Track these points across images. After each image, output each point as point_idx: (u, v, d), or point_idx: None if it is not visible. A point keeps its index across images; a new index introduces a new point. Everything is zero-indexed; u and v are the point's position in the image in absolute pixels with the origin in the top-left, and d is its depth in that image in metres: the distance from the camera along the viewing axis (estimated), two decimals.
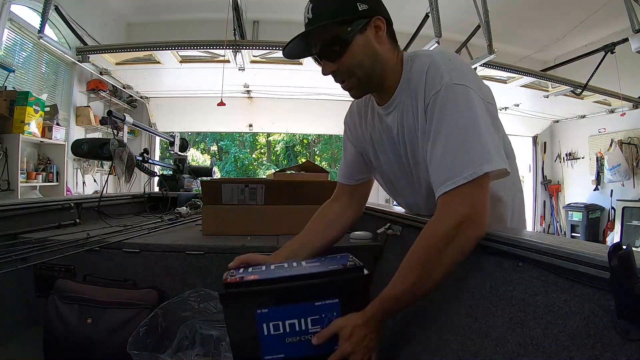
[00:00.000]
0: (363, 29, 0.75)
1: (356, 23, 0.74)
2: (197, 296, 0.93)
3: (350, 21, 0.74)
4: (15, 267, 0.91)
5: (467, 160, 0.64)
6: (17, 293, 1.06)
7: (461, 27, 3.51)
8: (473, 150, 0.65)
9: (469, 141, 0.66)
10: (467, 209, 0.63)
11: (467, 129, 0.66)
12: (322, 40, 0.75)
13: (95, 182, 4.37)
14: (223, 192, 1.26)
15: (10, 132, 3.03)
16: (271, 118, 4.88)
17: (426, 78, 0.73)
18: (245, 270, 0.73)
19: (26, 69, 3.46)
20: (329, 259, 0.74)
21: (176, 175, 2.40)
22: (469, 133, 0.66)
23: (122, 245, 1.06)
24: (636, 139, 4.38)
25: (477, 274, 0.66)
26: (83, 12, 3.67)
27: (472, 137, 0.66)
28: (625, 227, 4.32)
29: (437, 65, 0.72)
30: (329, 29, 0.74)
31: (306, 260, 0.77)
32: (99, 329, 0.92)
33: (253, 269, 0.74)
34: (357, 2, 0.74)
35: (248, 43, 3.12)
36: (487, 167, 0.63)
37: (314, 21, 0.74)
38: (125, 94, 4.46)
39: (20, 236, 1.11)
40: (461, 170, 0.64)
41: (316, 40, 0.76)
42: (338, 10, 0.74)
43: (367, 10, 0.74)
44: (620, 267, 0.39)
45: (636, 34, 2.77)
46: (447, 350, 0.64)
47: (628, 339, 0.39)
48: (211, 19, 3.98)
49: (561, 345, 0.45)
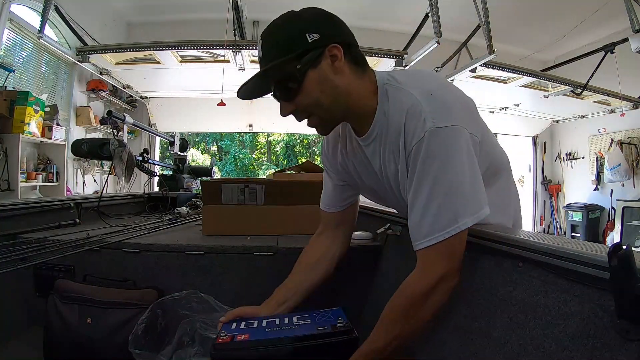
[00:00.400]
0: (316, 63, 0.67)
1: (307, 58, 0.67)
2: (195, 297, 0.93)
3: (300, 56, 0.67)
4: (15, 267, 0.91)
5: (450, 217, 0.62)
6: (17, 293, 1.06)
7: (461, 27, 3.51)
8: (456, 204, 0.62)
9: (453, 195, 0.63)
10: (446, 263, 0.62)
11: (451, 184, 0.63)
12: (274, 80, 0.70)
13: (95, 182, 4.37)
14: (223, 192, 1.26)
15: (10, 132, 3.04)
16: (271, 118, 4.87)
17: (406, 122, 0.66)
18: (238, 326, 0.74)
19: (26, 69, 3.46)
20: (321, 314, 0.76)
21: (176, 175, 2.40)
22: (453, 187, 0.63)
23: (122, 245, 1.06)
24: (636, 138, 4.38)
25: (477, 274, 0.66)
26: (83, 12, 3.67)
27: (457, 191, 0.63)
28: (625, 227, 4.32)
29: (419, 108, 0.65)
30: (279, 68, 0.67)
31: (297, 314, 0.78)
32: (99, 329, 0.92)
33: (245, 323, 0.75)
34: (306, 33, 0.67)
35: (248, 43, 3.11)
36: (469, 221, 0.62)
37: (264, 60, 0.69)
38: (125, 94, 4.45)
39: (20, 236, 1.11)
40: (443, 226, 0.62)
41: (270, 80, 0.71)
42: (286, 46, 0.67)
43: (318, 40, 0.67)
44: (620, 267, 0.39)
45: (636, 34, 2.77)
46: (447, 350, 0.64)
47: (628, 339, 0.39)
48: (211, 19, 3.98)
49: (561, 346, 0.45)
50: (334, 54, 0.68)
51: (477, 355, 0.57)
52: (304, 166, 1.54)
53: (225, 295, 1.03)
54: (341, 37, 0.70)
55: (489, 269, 0.64)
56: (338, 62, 0.69)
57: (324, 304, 1.04)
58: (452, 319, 0.67)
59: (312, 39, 0.67)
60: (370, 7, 4.53)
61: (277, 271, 1.04)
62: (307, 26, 0.68)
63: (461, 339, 0.62)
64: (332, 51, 0.68)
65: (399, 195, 0.76)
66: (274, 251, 1.04)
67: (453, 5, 3.00)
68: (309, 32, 0.67)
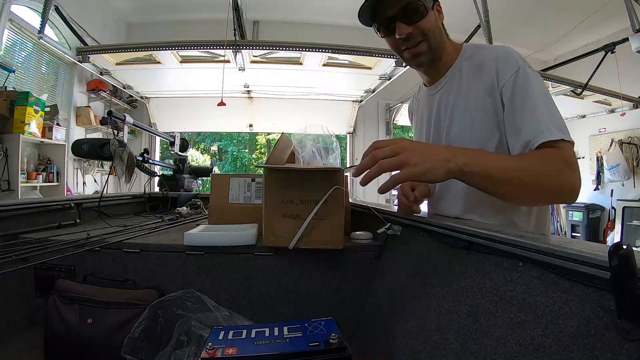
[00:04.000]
0: (433, 6, 0.83)
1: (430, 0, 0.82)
2: (191, 296, 0.93)
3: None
4: (15, 267, 0.91)
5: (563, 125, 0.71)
6: (17, 293, 1.06)
7: (461, 27, 3.51)
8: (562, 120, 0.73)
9: (556, 111, 0.74)
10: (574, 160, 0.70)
11: (552, 102, 0.75)
12: (404, 2, 0.79)
13: (95, 182, 4.37)
14: (231, 189, 1.27)
15: (10, 132, 3.04)
16: (271, 118, 4.88)
17: (499, 63, 0.80)
18: (226, 336, 0.71)
19: (26, 69, 3.46)
20: (313, 325, 0.73)
21: (176, 176, 2.40)
22: (554, 105, 0.74)
23: (122, 245, 1.06)
24: (636, 138, 4.38)
25: (477, 274, 0.66)
26: (83, 12, 3.68)
27: (556, 109, 0.74)
28: (626, 227, 4.32)
29: (510, 52, 0.81)
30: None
31: (288, 323, 0.75)
32: (99, 329, 0.92)
33: (234, 333, 0.72)
34: None
35: (248, 43, 3.12)
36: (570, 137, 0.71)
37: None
38: (126, 94, 4.46)
39: (20, 236, 1.11)
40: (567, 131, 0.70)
41: (396, 2, 0.79)
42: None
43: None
44: (621, 267, 0.39)
45: (636, 34, 2.76)
46: (447, 350, 0.64)
47: (628, 339, 0.39)
48: (211, 19, 3.98)
49: (561, 345, 0.45)
50: (440, 10, 0.86)
51: (477, 355, 0.57)
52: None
53: (226, 295, 1.03)
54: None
55: (489, 268, 0.64)
56: (442, 16, 0.87)
57: (323, 304, 1.04)
58: (452, 319, 0.67)
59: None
60: None
61: (278, 271, 1.04)
62: None
63: (461, 339, 0.62)
64: (439, 7, 0.86)
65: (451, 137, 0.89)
66: (274, 251, 1.04)
67: (453, 5, 3.00)
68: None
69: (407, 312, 0.79)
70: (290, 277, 1.05)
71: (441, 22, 0.87)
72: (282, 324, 0.75)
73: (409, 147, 0.58)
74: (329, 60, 3.40)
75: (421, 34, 0.82)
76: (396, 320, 0.82)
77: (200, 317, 0.88)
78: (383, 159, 0.57)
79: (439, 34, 0.85)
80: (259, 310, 1.02)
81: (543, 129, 0.70)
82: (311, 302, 1.04)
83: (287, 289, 1.04)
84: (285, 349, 0.66)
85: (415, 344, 0.72)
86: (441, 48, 0.87)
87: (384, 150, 0.57)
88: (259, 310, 1.03)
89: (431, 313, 0.72)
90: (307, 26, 4.88)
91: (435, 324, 0.70)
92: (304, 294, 1.04)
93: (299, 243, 0.98)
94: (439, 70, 0.91)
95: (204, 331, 0.83)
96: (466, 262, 0.68)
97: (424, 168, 0.57)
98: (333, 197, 0.98)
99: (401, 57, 0.91)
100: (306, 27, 4.88)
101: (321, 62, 3.40)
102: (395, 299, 0.88)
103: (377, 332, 0.91)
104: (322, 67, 3.51)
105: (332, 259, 1.04)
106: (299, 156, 1.08)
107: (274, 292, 1.04)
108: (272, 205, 1.00)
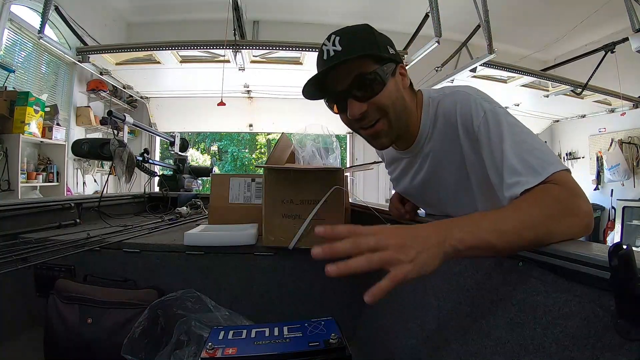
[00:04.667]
0: (393, 73, 0.72)
1: (389, 65, 0.71)
2: (191, 296, 0.93)
3: (385, 60, 0.70)
4: (15, 267, 0.91)
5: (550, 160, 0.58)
6: (17, 293, 1.06)
7: (461, 27, 3.51)
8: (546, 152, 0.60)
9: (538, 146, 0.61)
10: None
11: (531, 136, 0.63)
12: (354, 76, 0.68)
13: (95, 182, 4.37)
14: (231, 189, 1.27)
15: (10, 132, 3.04)
16: (271, 118, 4.87)
17: (460, 115, 0.71)
18: (226, 336, 0.71)
19: (26, 69, 3.46)
20: (313, 325, 0.73)
21: (176, 175, 2.40)
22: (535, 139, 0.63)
23: (122, 245, 1.06)
24: (636, 138, 4.38)
25: (478, 274, 0.66)
26: (83, 12, 3.68)
27: (538, 143, 0.62)
28: (626, 226, 4.32)
29: (467, 99, 0.71)
30: (365, 64, 0.68)
31: (288, 323, 0.75)
32: (99, 329, 0.92)
33: (234, 333, 0.72)
34: (387, 45, 0.72)
35: (248, 43, 3.12)
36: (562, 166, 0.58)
37: (347, 53, 0.67)
38: (126, 94, 4.46)
39: (20, 236, 1.11)
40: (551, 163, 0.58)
41: (345, 75, 0.69)
42: (372, 47, 0.69)
43: (394, 55, 0.72)
44: (621, 267, 0.39)
45: (636, 34, 2.77)
46: (447, 350, 0.64)
47: (628, 339, 0.39)
48: (211, 19, 3.98)
49: (561, 345, 0.45)
50: (403, 72, 0.75)
51: (477, 355, 0.57)
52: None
53: (226, 295, 1.03)
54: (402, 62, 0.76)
55: (489, 269, 0.64)
56: (405, 80, 0.76)
57: (323, 304, 1.04)
58: (452, 319, 0.67)
59: (391, 52, 0.72)
60: (370, 7, 4.54)
61: (278, 271, 1.04)
62: (387, 41, 0.74)
63: (461, 339, 0.62)
64: (402, 69, 0.75)
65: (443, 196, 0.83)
66: (274, 251, 1.04)
67: (453, 5, 3.00)
68: (389, 46, 0.72)
69: (407, 312, 0.79)
70: (290, 277, 1.05)
71: (405, 86, 0.76)
72: (282, 324, 0.75)
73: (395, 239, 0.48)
74: None
75: (378, 111, 0.71)
76: (396, 320, 0.82)
77: (200, 317, 0.88)
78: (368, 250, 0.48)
79: (401, 106, 0.73)
80: (259, 310, 1.02)
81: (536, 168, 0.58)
82: (311, 302, 1.04)
83: (287, 289, 1.04)
84: (285, 349, 0.66)
85: (415, 344, 0.72)
86: (405, 119, 0.76)
87: (368, 241, 0.48)
88: (259, 310, 1.03)
89: (431, 313, 0.72)
90: (307, 26, 4.88)
91: (435, 324, 0.70)
92: (304, 294, 1.04)
93: (299, 243, 0.98)
94: (409, 136, 0.80)
95: (204, 331, 0.83)
96: (466, 262, 0.68)
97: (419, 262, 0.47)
98: (333, 197, 0.98)
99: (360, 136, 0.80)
100: (306, 27, 4.88)
101: None
102: (395, 298, 0.88)
103: (377, 332, 0.91)
104: None
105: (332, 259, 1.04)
106: (299, 156, 1.08)
107: (274, 292, 1.04)
108: (272, 205, 1.00)
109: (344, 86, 0.69)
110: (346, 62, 0.67)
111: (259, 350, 0.66)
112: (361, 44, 0.69)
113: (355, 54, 0.67)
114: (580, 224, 0.54)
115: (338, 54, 0.67)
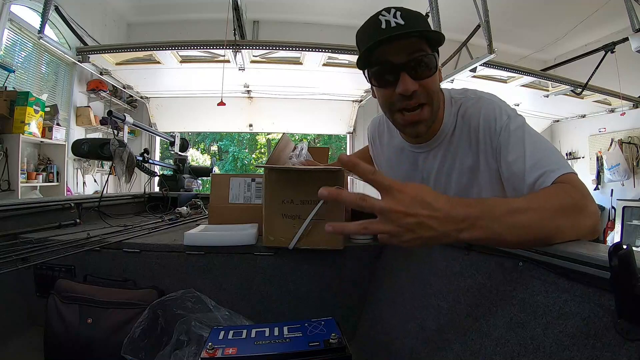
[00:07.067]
0: (437, 67, 0.73)
1: (437, 56, 0.73)
2: (191, 296, 0.93)
3: (436, 49, 0.73)
4: (15, 267, 0.91)
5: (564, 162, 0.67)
6: (17, 293, 1.06)
7: (461, 27, 3.51)
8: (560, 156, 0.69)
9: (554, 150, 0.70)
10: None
11: (547, 141, 0.72)
12: (414, 51, 0.68)
13: (95, 182, 4.37)
14: (231, 189, 1.27)
15: (10, 132, 3.04)
16: (271, 118, 4.88)
17: (484, 119, 0.74)
18: (226, 336, 0.71)
19: (26, 69, 3.46)
20: (313, 325, 0.73)
21: (176, 175, 2.40)
22: (551, 144, 0.71)
23: (122, 245, 1.06)
24: (636, 138, 4.38)
25: (477, 274, 0.66)
26: (83, 12, 3.68)
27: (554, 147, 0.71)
28: (626, 226, 4.32)
29: (492, 105, 0.75)
30: (424, 45, 0.69)
31: (287, 323, 0.75)
32: (99, 329, 0.92)
33: (234, 333, 0.72)
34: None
35: (248, 43, 3.12)
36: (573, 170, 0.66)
37: (410, 28, 0.66)
38: (126, 94, 4.46)
39: (20, 236, 1.11)
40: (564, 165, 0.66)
41: (403, 49, 0.68)
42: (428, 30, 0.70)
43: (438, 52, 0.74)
44: (621, 267, 0.39)
45: (636, 34, 2.77)
46: (447, 350, 0.64)
47: (628, 339, 0.39)
48: (211, 19, 3.98)
49: (561, 345, 0.45)
50: (440, 69, 0.76)
51: (477, 355, 0.57)
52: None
53: (226, 295, 1.03)
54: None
55: (489, 269, 0.64)
56: (441, 76, 0.77)
57: (323, 304, 1.04)
58: (452, 319, 0.67)
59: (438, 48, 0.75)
60: (370, 7, 4.52)
61: (278, 271, 1.04)
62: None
63: (461, 339, 0.62)
64: (440, 71, 0.76)
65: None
66: (274, 251, 1.04)
67: (453, 5, 3.00)
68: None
69: (407, 312, 0.79)
70: (290, 277, 1.05)
71: (441, 82, 0.78)
72: (282, 324, 0.75)
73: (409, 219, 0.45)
74: (329, 60, 3.40)
75: (426, 95, 0.71)
76: (396, 320, 0.82)
77: (200, 317, 0.88)
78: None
79: (439, 99, 0.76)
80: (259, 310, 1.02)
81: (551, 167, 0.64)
82: (311, 302, 1.04)
83: (287, 289, 1.04)
84: (285, 349, 0.66)
85: (415, 344, 0.72)
86: (437, 112, 0.77)
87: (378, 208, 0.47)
88: (259, 310, 1.03)
89: (431, 313, 0.72)
90: (307, 26, 4.88)
91: (435, 324, 0.70)
92: (304, 294, 1.04)
93: (299, 243, 0.98)
94: (431, 130, 0.80)
95: (204, 331, 0.83)
96: (466, 262, 0.68)
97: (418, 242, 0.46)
98: None
99: (391, 119, 0.78)
100: (306, 27, 4.88)
101: (321, 62, 3.40)
102: (395, 299, 0.88)
103: (377, 332, 0.91)
104: (322, 67, 3.51)
105: (332, 259, 1.04)
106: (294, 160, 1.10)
107: (274, 292, 1.04)
108: (272, 205, 1.00)
109: (401, 59, 0.68)
110: (409, 36, 0.67)
111: (259, 350, 0.66)
112: (423, 24, 0.71)
113: (421, 30, 0.68)
114: (587, 223, 0.56)
115: (401, 27, 0.66)
